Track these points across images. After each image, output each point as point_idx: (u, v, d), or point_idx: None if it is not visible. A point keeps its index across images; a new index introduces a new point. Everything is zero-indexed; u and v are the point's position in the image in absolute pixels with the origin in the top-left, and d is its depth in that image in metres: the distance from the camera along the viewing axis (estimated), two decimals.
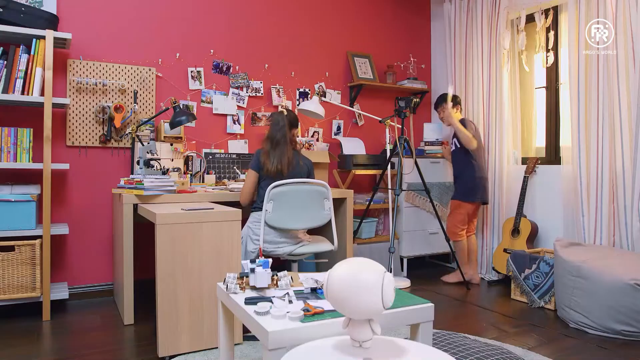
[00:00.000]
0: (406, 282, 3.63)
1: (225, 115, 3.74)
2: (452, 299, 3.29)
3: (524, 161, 3.88)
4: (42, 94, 2.84)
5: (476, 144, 3.58)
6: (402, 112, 3.52)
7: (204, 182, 3.46)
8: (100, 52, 3.29)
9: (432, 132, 4.31)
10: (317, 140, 4.13)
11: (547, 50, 3.65)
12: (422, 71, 4.74)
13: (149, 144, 2.85)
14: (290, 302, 1.56)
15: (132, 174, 3.24)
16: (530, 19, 3.76)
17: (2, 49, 2.79)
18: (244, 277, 1.72)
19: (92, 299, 3.24)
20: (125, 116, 3.31)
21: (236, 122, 3.77)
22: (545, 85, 3.79)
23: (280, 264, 3.75)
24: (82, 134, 3.22)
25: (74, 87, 3.19)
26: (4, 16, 2.79)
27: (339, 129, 4.25)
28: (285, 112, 2.86)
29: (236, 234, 2.33)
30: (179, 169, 3.20)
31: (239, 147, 3.76)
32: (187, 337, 2.23)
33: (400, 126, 3.61)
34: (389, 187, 3.72)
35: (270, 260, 1.70)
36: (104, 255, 3.31)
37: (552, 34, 3.62)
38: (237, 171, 3.61)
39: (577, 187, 3.29)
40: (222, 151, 3.69)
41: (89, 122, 3.24)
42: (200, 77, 3.62)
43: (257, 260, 1.69)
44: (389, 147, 3.77)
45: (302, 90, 4.07)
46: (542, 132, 3.84)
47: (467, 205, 3.64)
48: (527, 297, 3.17)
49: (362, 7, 4.38)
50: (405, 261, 3.94)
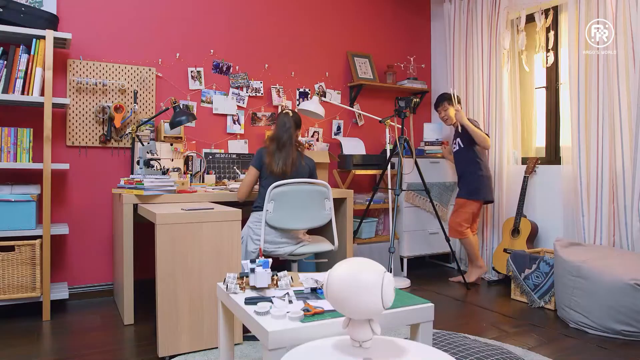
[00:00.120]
0: (406, 282, 3.63)
1: (225, 115, 3.74)
2: (452, 299, 3.29)
3: (524, 161, 3.88)
4: (42, 94, 2.84)
5: (490, 142, 3.60)
6: (402, 112, 3.52)
7: (204, 182, 3.46)
8: (100, 52, 3.30)
9: (432, 132, 4.31)
10: (317, 140, 4.13)
11: (547, 50, 3.65)
12: (422, 71, 4.74)
13: (149, 144, 2.85)
14: (290, 302, 1.56)
15: (132, 174, 3.24)
16: (530, 19, 3.76)
17: (2, 49, 2.79)
18: (244, 277, 1.72)
19: (92, 299, 3.24)
20: (125, 116, 3.31)
21: (236, 122, 3.77)
22: (545, 85, 3.79)
23: (280, 264, 3.75)
24: (82, 134, 3.22)
25: (74, 87, 3.19)
26: (4, 16, 2.79)
27: (339, 129, 4.25)
28: (290, 114, 2.86)
29: (236, 234, 2.33)
30: (179, 169, 3.20)
31: (239, 147, 3.76)
32: (187, 337, 2.23)
33: (400, 126, 3.61)
34: (389, 187, 3.72)
35: (270, 260, 1.70)
36: (104, 255, 3.31)
37: (552, 34, 3.62)
38: (237, 171, 3.61)
39: (577, 187, 3.29)
40: (222, 151, 3.69)
41: (89, 122, 3.24)
42: (200, 77, 3.62)
43: (257, 260, 1.69)
44: (389, 147, 3.77)
45: (302, 90, 4.07)
46: (542, 132, 3.84)
47: (473, 203, 3.63)
48: (527, 297, 3.17)
49: (362, 7, 4.38)
50: (405, 261, 3.94)
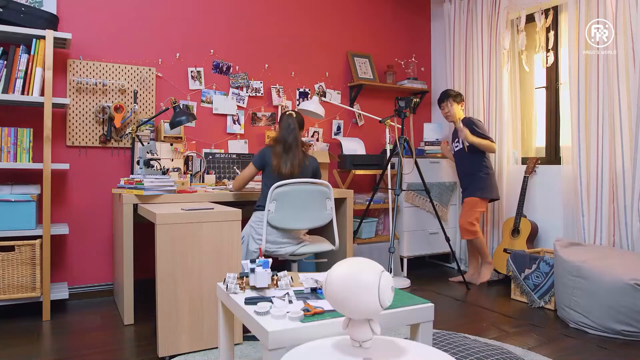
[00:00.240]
0: (406, 282, 3.63)
1: (225, 115, 3.74)
2: (452, 299, 3.29)
3: (524, 161, 3.88)
4: (42, 94, 2.84)
5: (496, 147, 3.58)
6: (402, 112, 3.52)
7: (204, 182, 3.46)
8: (100, 52, 3.30)
9: (432, 132, 4.31)
10: (317, 140, 4.13)
11: (547, 50, 3.65)
12: (422, 71, 4.74)
13: (149, 144, 2.85)
14: (290, 302, 1.56)
15: (132, 174, 3.24)
16: (530, 19, 3.76)
17: (2, 49, 2.79)
18: (244, 277, 1.72)
19: (92, 299, 3.24)
20: (125, 116, 3.31)
21: (236, 122, 3.77)
22: (545, 85, 3.79)
23: (280, 264, 3.75)
24: (82, 134, 3.22)
25: (74, 87, 3.19)
26: (4, 16, 2.79)
27: (339, 129, 4.25)
28: (294, 115, 2.86)
29: (236, 234, 2.33)
30: (179, 169, 3.20)
31: (239, 147, 3.76)
32: (187, 337, 2.23)
33: (400, 126, 3.61)
34: (389, 187, 3.72)
35: (270, 260, 1.70)
36: (104, 255, 3.31)
37: (552, 34, 3.62)
38: (237, 171, 3.61)
39: (577, 187, 3.29)
40: (222, 151, 3.69)
41: (89, 122, 3.24)
42: (200, 77, 3.62)
43: (257, 260, 1.69)
44: (389, 147, 3.77)
45: (302, 90, 4.07)
46: (542, 132, 3.84)
47: (485, 202, 3.61)
48: (527, 297, 3.17)
49: (362, 7, 4.38)
50: (405, 261, 3.94)
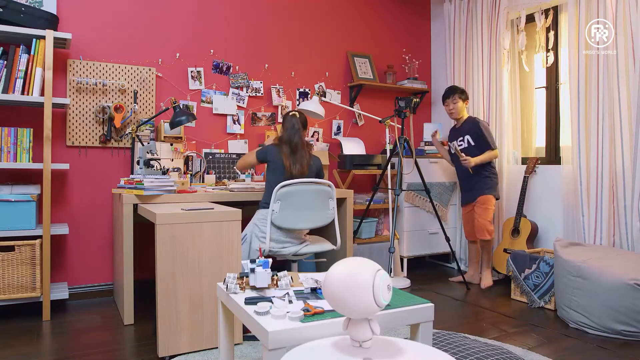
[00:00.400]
0: (406, 282, 3.63)
1: (225, 115, 3.74)
2: (452, 299, 3.29)
3: (524, 161, 3.88)
4: (42, 94, 2.84)
5: (498, 152, 3.58)
6: (402, 112, 3.52)
7: (204, 182, 3.46)
8: (100, 52, 3.30)
9: (432, 132, 4.31)
10: (317, 140, 4.13)
11: (547, 50, 3.65)
12: (422, 71, 4.74)
13: (149, 144, 2.85)
14: (290, 302, 1.56)
15: (132, 174, 3.24)
16: (530, 19, 3.76)
17: (2, 49, 2.79)
18: (244, 277, 1.72)
19: (92, 299, 3.24)
20: (125, 116, 3.31)
21: (236, 122, 3.77)
22: (545, 85, 3.79)
23: (280, 264, 3.75)
24: (82, 134, 3.22)
25: (74, 87, 3.19)
26: (4, 16, 2.79)
27: (339, 129, 4.25)
28: (298, 115, 2.86)
29: (236, 234, 2.33)
30: (179, 169, 3.20)
31: (239, 147, 3.76)
32: (187, 337, 2.23)
33: (400, 126, 3.61)
34: (389, 187, 3.72)
35: (270, 260, 1.70)
36: (104, 255, 3.31)
37: (552, 34, 3.62)
38: (237, 171, 3.61)
39: (577, 187, 3.29)
40: (222, 151, 3.69)
41: (89, 122, 3.24)
42: (200, 77, 3.62)
43: (257, 260, 1.69)
44: (389, 147, 3.77)
45: (302, 90, 4.07)
46: (542, 132, 3.84)
47: (494, 199, 3.58)
48: (527, 297, 3.17)
49: (362, 7, 4.38)
50: (405, 261, 3.94)
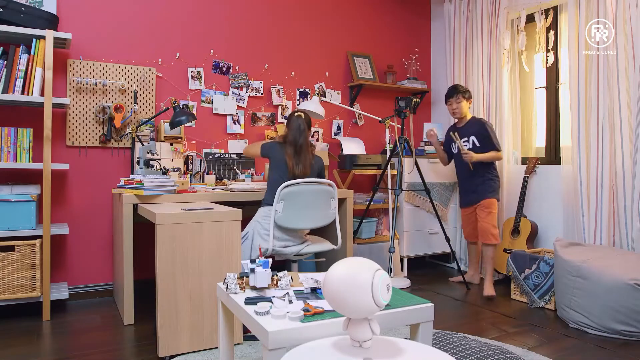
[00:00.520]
0: (406, 282, 3.63)
1: (225, 115, 3.74)
2: (452, 299, 3.29)
3: (524, 161, 3.88)
4: (42, 94, 2.84)
5: (502, 155, 3.48)
6: (402, 112, 3.52)
7: (204, 182, 3.46)
8: (100, 52, 3.29)
9: (429, 130, 4.30)
10: (317, 140, 4.13)
11: (547, 50, 3.65)
12: (422, 71, 4.74)
13: (149, 144, 2.85)
14: (290, 302, 1.56)
15: (132, 174, 3.24)
16: (530, 19, 3.76)
17: (2, 49, 2.79)
18: (244, 277, 1.72)
19: (92, 299, 3.24)
20: (125, 116, 3.31)
21: (236, 122, 3.77)
22: (545, 85, 3.79)
23: (280, 264, 3.75)
24: (82, 134, 3.22)
25: (74, 87, 3.19)
26: (4, 16, 2.79)
27: (339, 129, 4.25)
28: (302, 115, 2.87)
29: (236, 234, 2.33)
30: (179, 169, 3.20)
31: (239, 147, 3.76)
32: (187, 337, 2.23)
33: (400, 126, 3.61)
34: (389, 187, 3.72)
35: (270, 260, 1.70)
36: (104, 255, 3.31)
37: (552, 34, 3.62)
38: (237, 171, 3.61)
39: (577, 187, 3.29)
40: (222, 151, 3.69)
41: (89, 122, 3.24)
42: (200, 77, 3.62)
43: (257, 260, 1.69)
44: (389, 147, 3.77)
45: (302, 90, 4.07)
46: (542, 132, 3.84)
47: (497, 203, 3.52)
48: (527, 297, 3.17)
49: (362, 7, 4.38)
50: (405, 261, 3.94)
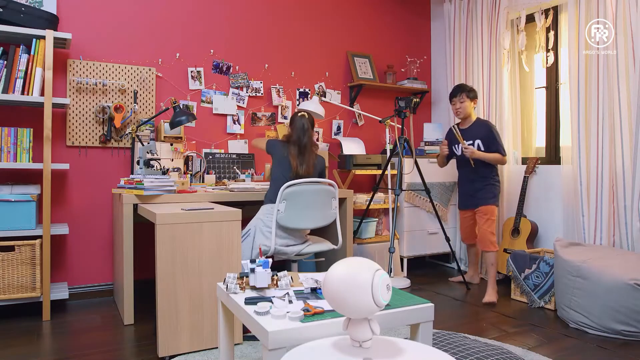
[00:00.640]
0: (406, 282, 3.63)
1: (225, 115, 3.74)
2: (452, 299, 3.29)
3: (524, 161, 3.88)
4: (42, 94, 2.84)
5: (507, 159, 3.41)
6: (402, 112, 3.52)
7: (204, 182, 3.46)
8: (100, 52, 3.29)
9: (432, 132, 4.32)
10: (317, 140, 4.13)
11: (547, 50, 3.65)
12: (422, 71, 4.74)
13: (149, 144, 2.85)
14: (290, 302, 1.56)
15: (132, 174, 3.24)
16: (530, 19, 3.76)
17: (2, 49, 2.79)
18: (244, 277, 1.72)
19: (92, 299, 3.24)
20: (125, 116, 3.31)
21: (236, 122, 3.77)
22: (545, 85, 3.79)
23: (280, 264, 3.75)
24: (82, 134, 3.22)
25: (74, 87, 3.19)
26: (4, 16, 2.79)
27: (339, 129, 4.25)
28: (306, 115, 2.87)
29: (236, 234, 2.33)
30: (179, 169, 3.20)
31: (239, 147, 3.76)
32: (187, 337, 2.23)
33: (400, 126, 3.61)
34: (389, 187, 3.72)
35: (270, 260, 1.70)
36: (104, 255, 3.31)
37: (552, 34, 3.62)
38: (237, 171, 3.61)
39: (577, 187, 3.29)
40: (222, 151, 3.69)
41: (89, 122, 3.24)
42: (200, 77, 3.62)
43: (257, 260, 1.69)
44: (389, 147, 3.77)
45: (302, 90, 4.07)
46: (542, 132, 3.84)
47: (497, 209, 3.42)
48: (527, 297, 3.17)
49: (362, 7, 4.38)
50: (405, 261, 3.94)
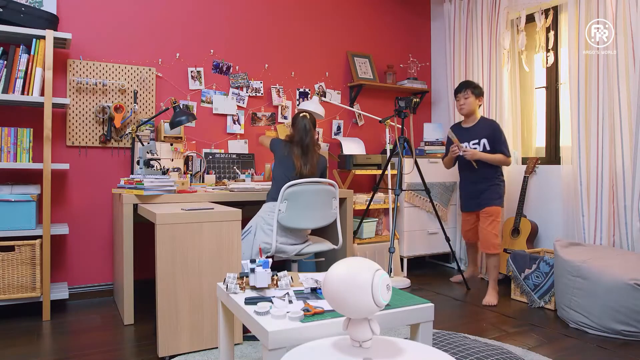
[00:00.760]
0: (406, 282, 3.63)
1: (225, 115, 3.74)
2: (452, 299, 3.29)
3: (524, 161, 3.88)
4: (42, 94, 2.84)
5: (511, 160, 3.37)
6: (402, 112, 3.52)
7: (204, 182, 3.46)
8: (100, 52, 3.29)
9: (432, 132, 4.31)
10: (318, 140, 4.13)
11: (547, 50, 3.65)
12: (422, 71, 4.74)
13: (149, 144, 2.85)
14: (290, 302, 1.56)
15: (132, 174, 3.24)
16: (530, 19, 3.76)
17: (2, 49, 2.79)
18: (244, 277, 1.72)
19: (92, 299, 3.24)
20: (125, 116, 3.31)
21: (236, 122, 3.77)
22: (545, 85, 3.79)
23: (280, 264, 3.75)
24: (82, 134, 3.22)
25: (74, 87, 3.19)
26: (4, 16, 2.79)
27: (339, 129, 4.25)
28: (308, 116, 2.87)
29: (236, 234, 2.33)
30: (179, 169, 3.20)
31: (239, 147, 3.76)
32: (187, 337, 2.23)
33: (400, 126, 3.61)
34: (389, 187, 3.72)
35: (270, 260, 1.70)
36: (104, 255, 3.31)
37: (552, 34, 3.62)
38: (237, 171, 3.61)
39: (577, 187, 3.29)
40: (222, 151, 3.69)
41: (89, 122, 3.24)
42: (200, 77, 3.62)
43: (257, 260, 1.69)
44: (389, 147, 3.77)
45: (302, 90, 4.07)
46: (542, 132, 3.84)
47: (502, 210, 3.39)
48: (527, 297, 3.17)
49: (362, 7, 4.38)
50: (405, 261, 3.94)
